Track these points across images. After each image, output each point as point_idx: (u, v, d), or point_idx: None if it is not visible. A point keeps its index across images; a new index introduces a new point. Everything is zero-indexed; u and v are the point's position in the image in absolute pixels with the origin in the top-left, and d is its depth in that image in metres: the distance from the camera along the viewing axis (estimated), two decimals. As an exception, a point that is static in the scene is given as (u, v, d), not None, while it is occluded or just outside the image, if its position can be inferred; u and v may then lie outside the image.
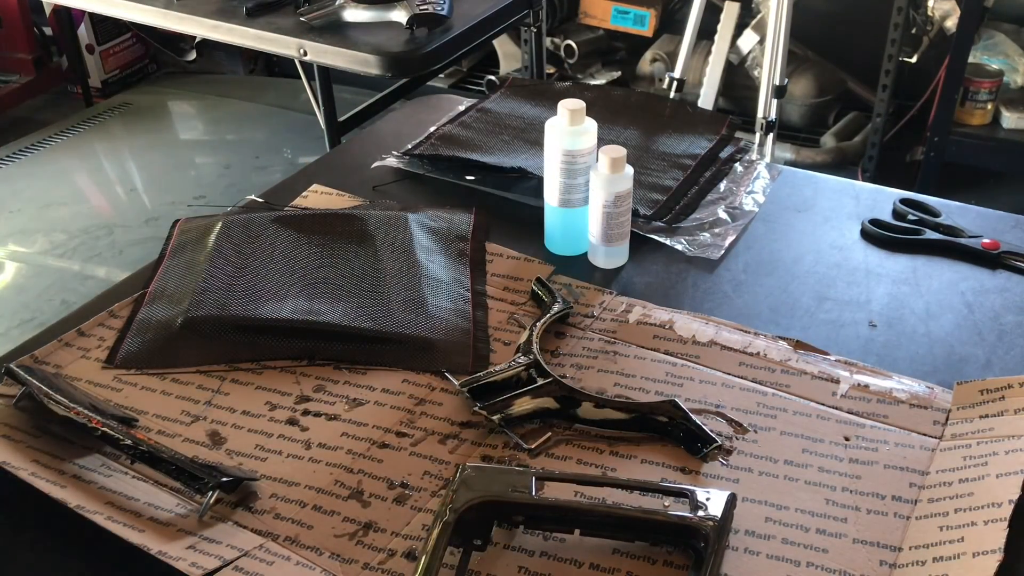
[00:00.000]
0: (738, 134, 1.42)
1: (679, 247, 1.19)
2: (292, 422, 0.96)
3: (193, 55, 3.48)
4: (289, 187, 1.35)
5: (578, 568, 0.80)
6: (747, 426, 0.93)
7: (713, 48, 2.62)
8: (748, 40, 2.75)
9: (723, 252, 1.19)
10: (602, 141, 1.14)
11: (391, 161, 1.37)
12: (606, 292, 1.12)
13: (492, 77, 3.04)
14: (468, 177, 1.34)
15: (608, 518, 0.80)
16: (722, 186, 1.31)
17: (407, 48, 1.76)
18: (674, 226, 1.23)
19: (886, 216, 1.24)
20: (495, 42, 3.07)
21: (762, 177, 1.33)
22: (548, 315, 1.05)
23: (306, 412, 0.97)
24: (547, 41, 2.83)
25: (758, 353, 1.02)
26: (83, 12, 3.18)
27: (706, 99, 2.61)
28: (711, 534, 0.78)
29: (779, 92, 2.39)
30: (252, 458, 0.92)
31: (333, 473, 0.89)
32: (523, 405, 0.94)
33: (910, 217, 1.23)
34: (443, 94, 1.73)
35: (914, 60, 2.78)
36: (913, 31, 2.70)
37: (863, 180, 2.64)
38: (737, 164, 1.35)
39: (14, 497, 0.87)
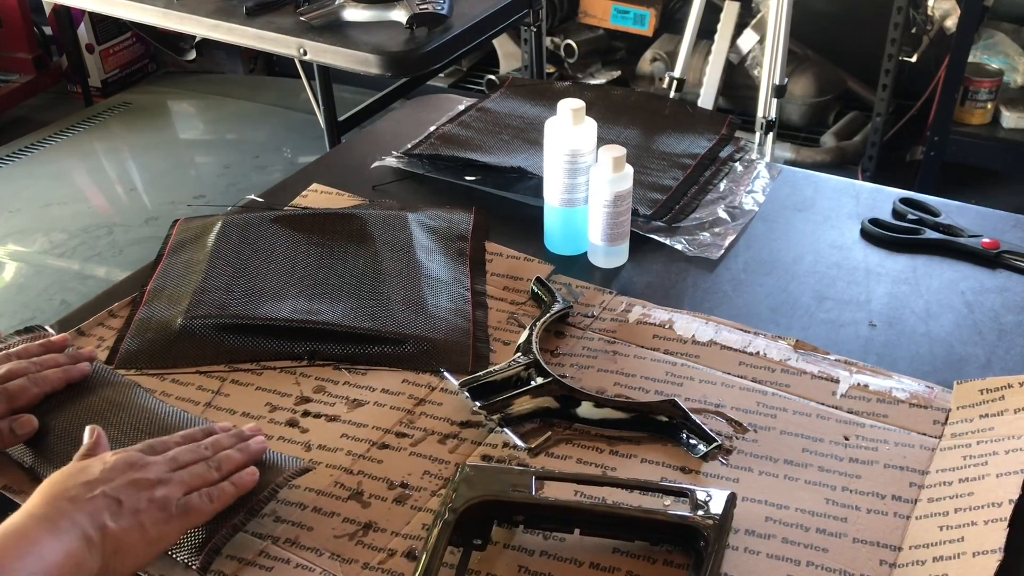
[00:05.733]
0: (738, 133, 1.42)
1: (679, 247, 1.19)
2: (292, 423, 0.95)
3: (193, 55, 3.48)
4: (289, 187, 1.35)
5: (578, 567, 0.80)
6: (747, 425, 0.93)
7: (713, 48, 2.62)
8: (748, 39, 2.75)
9: (723, 252, 1.19)
10: (602, 140, 1.14)
11: (391, 161, 1.37)
12: (606, 292, 1.12)
13: (492, 77, 3.04)
14: (468, 177, 1.34)
15: (608, 517, 0.80)
16: (722, 185, 1.31)
17: (407, 47, 1.76)
18: (674, 225, 1.23)
19: (886, 216, 1.24)
20: (495, 42, 3.07)
21: (762, 176, 1.33)
22: (548, 315, 1.05)
23: (306, 413, 0.97)
24: (547, 41, 2.83)
25: (758, 353, 1.02)
26: (83, 12, 3.18)
27: (706, 98, 2.61)
28: (711, 533, 0.78)
29: (779, 91, 2.39)
30: (252, 458, 0.91)
31: (333, 474, 0.89)
32: (523, 405, 0.94)
33: (910, 217, 1.23)
34: (443, 94, 1.73)
35: (914, 59, 2.78)
36: (913, 30, 2.70)
37: (863, 179, 2.64)
38: (737, 163, 1.35)
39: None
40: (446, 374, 1.00)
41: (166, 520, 0.76)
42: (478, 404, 0.94)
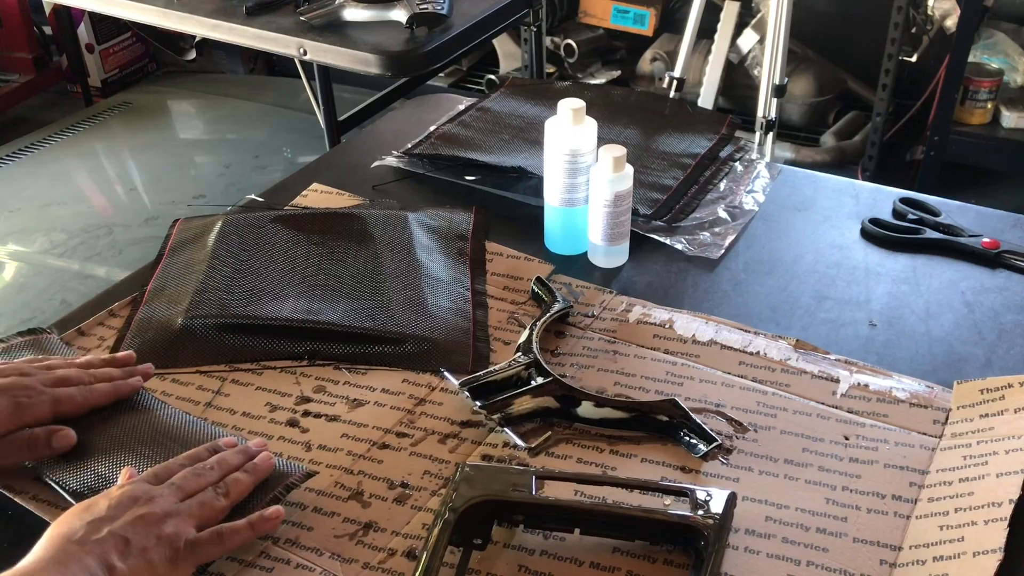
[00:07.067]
0: (738, 133, 1.42)
1: (679, 246, 1.19)
2: (293, 423, 0.95)
3: (193, 54, 3.48)
4: (289, 186, 1.35)
5: (578, 567, 0.80)
6: (747, 425, 0.93)
7: (713, 47, 2.61)
8: (748, 39, 2.75)
9: (723, 251, 1.19)
10: (602, 140, 1.14)
11: (391, 160, 1.37)
12: (606, 291, 1.12)
13: (492, 76, 3.04)
14: (468, 177, 1.34)
15: (608, 517, 0.80)
16: (722, 185, 1.31)
17: (407, 47, 1.76)
18: (674, 225, 1.23)
19: (886, 215, 1.24)
20: (495, 41, 3.07)
21: (762, 176, 1.33)
22: (548, 314, 1.05)
23: (306, 413, 0.97)
24: (547, 40, 2.83)
25: (758, 352, 1.02)
26: (83, 11, 3.18)
27: (706, 98, 2.61)
28: (711, 533, 0.78)
29: (779, 91, 2.39)
30: (252, 458, 0.91)
31: (333, 474, 0.89)
32: (523, 404, 0.94)
33: (910, 216, 1.23)
34: (443, 93, 1.73)
35: (914, 59, 2.78)
36: (913, 30, 2.70)
37: (863, 179, 2.64)
38: (737, 163, 1.35)
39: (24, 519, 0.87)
40: (446, 374, 1.00)
41: (174, 558, 0.75)
42: (478, 404, 0.94)
